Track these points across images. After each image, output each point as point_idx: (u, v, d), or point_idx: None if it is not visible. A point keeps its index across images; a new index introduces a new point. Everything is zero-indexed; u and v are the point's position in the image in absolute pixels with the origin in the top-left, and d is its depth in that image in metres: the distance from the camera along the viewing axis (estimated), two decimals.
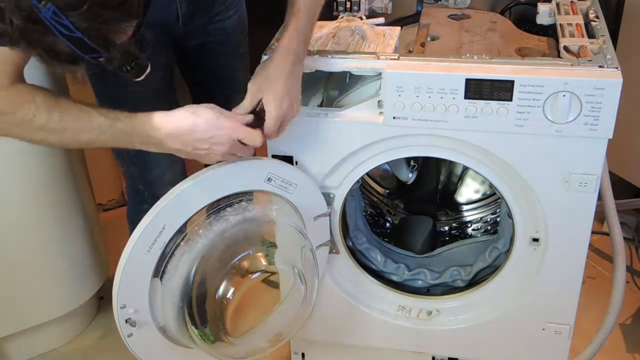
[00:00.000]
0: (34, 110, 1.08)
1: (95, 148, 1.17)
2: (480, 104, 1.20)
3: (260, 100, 1.17)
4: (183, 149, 1.14)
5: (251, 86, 1.18)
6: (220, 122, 1.13)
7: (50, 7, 0.84)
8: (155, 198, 1.19)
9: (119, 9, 0.89)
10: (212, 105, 1.15)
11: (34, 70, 1.14)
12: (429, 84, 1.20)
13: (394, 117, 1.24)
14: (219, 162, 1.20)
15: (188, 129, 1.12)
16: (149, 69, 1.05)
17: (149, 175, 1.53)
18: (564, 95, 1.15)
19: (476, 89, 1.19)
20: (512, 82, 1.17)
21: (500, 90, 1.18)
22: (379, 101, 1.25)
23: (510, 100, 1.18)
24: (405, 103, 1.23)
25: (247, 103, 1.18)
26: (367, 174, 1.49)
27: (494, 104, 1.19)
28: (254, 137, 1.16)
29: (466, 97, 1.20)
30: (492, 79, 1.18)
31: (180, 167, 1.55)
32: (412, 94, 1.22)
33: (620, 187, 2.02)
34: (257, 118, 1.18)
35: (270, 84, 1.17)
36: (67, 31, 0.86)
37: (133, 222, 1.60)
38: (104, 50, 0.91)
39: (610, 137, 1.18)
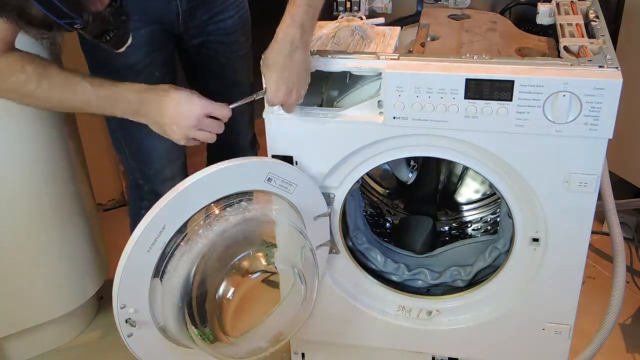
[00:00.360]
0: (24, 79, 1.15)
1: (83, 113, 1.24)
2: (480, 104, 1.20)
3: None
4: (156, 119, 1.20)
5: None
6: (193, 98, 1.20)
7: None
8: (154, 194, 1.21)
9: None
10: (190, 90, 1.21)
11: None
12: (429, 84, 1.20)
13: (394, 117, 1.24)
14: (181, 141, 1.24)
15: (165, 98, 1.18)
16: (129, 41, 1.10)
17: (148, 170, 1.54)
18: (564, 95, 1.15)
19: (476, 89, 1.19)
20: (512, 82, 1.17)
21: (500, 90, 1.18)
22: (379, 101, 1.25)
23: (510, 100, 1.18)
24: (405, 103, 1.23)
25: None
26: (367, 174, 1.49)
27: (494, 104, 1.19)
28: (223, 110, 1.22)
29: (466, 97, 1.20)
30: (492, 79, 1.18)
31: (180, 164, 1.55)
32: (412, 94, 1.22)
33: (620, 187, 2.02)
34: None
35: (269, 72, 1.20)
36: None
37: (134, 218, 1.61)
38: (77, 16, 0.94)
39: (610, 137, 1.18)
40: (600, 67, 1.16)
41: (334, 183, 1.37)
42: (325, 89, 1.36)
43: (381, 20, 1.44)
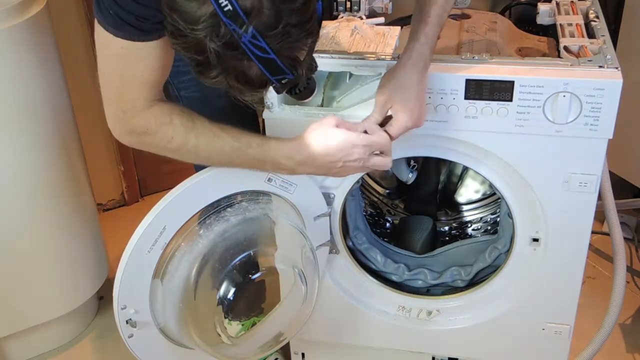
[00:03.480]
0: (172, 133, 1.09)
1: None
2: (480, 104, 1.20)
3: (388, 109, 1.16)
4: (316, 172, 1.17)
5: (380, 97, 1.16)
6: (351, 141, 1.11)
7: (250, 30, 0.85)
8: None
9: (305, 26, 0.89)
10: (336, 120, 1.12)
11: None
12: (429, 85, 1.20)
13: None
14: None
15: (321, 155, 1.11)
16: (316, 91, 1.09)
17: None
18: (564, 96, 1.15)
19: (476, 90, 1.19)
20: (512, 83, 1.17)
21: (500, 90, 1.18)
22: None
23: (511, 100, 1.18)
24: None
25: (377, 114, 1.16)
26: (367, 174, 1.49)
27: (494, 104, 1.19)
28: (387, 146, 1.15)
29: (466, 97, 1.20)
30: (492, 80, 1.18)
31: None
32: None
33: (620, 187, 2.02)
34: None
35: (403, 92, 1.14)
36: (262, 54, 0.87)
37: None
38: (290, 70, 0.92)
39: (611, 137, 1.18)
40: (600, 67, 1.16)
41: (334, 183, 1.37)
42: (325, 89, 1.36)
43: (381, 20, 1.44)
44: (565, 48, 1.26)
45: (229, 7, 0.84)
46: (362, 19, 1.43)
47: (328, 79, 1.35)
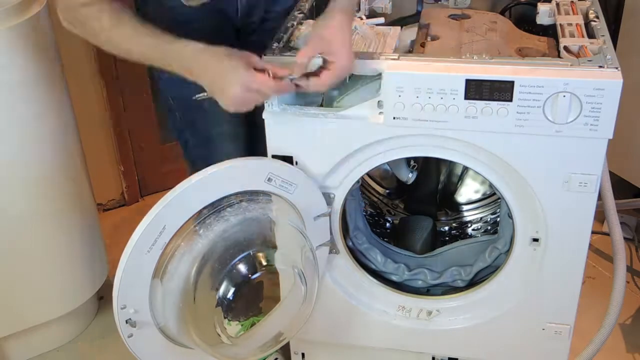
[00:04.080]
0: (98, 28, 1.22)
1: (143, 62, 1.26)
2: (480, 104, 1.20)
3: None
4: (204, 84, 1.21)
5: (313, 38, 1.21)
6: (237, 72, 1.18)
7: None
8: None
9: None
10: (246, 55, 1.19)
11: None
12: (429, 85, 1.20)
13: (394, 118, 1.24)
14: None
15: (216, 72, 1.19)
16: None
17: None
18: (564, 96, 1.15)
19: (476, 90, 1.19)
20: (512, 83, 1.17)
21: (500, 90, 1.18)
22: (379, 101, 1.25)
23: (511, 100, 1.18)
24: (405, 103, 1.22)
25: (310, 50, 1.19)
26: (367, 174, 1.49)
27: (494, 104, 1.19)
28: (267, 85, 1.20)
29: (466, 97, 1.20)
30: (492, 80, 1.18)
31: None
32: (412, 95, 1.22)
33: (620, 187, 2.02)
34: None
35: (339, 35, 1.18)
36: None
37: None
38: None
39: (611, 137, 1.18)
40: (600, 67, 1.16)
41: (334, 183, 1.37)
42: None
43: (381, 20, 1.44)
44: (565, 48, 1.26)
45: None
46: (362, 19, 1.43)
47: None
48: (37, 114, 1.61)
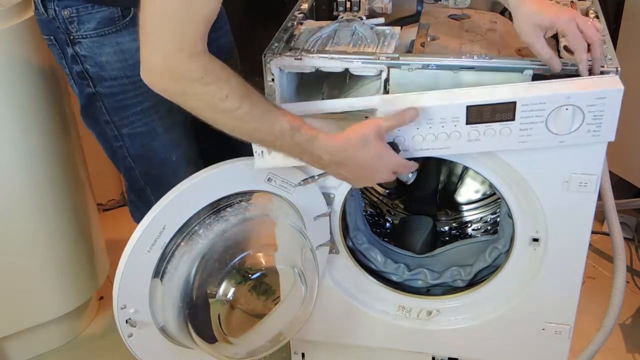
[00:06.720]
0: (227, 92, 1.00)
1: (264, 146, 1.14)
2: (482, 127, 1.18)
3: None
4: (347, 175, 1.18)
5: (532, 32, 1.15)
6: (384, 156, 1.15)
7: None
8: None
9: None
10: (377, 125, 1.12)
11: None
12: (429, 116, 1.18)
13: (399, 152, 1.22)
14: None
15: (355, 162, 1.13)
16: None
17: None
18: (567, 109, 1.14)
19: (477, 114, 1.17)
20: (513, 104, 1.15)
21: (502, 112, 1.16)
22: None
23: (513, 120, 1.17)
24: (406, 137, 1.20)
25: (547, 51, 1.15)
26: None
27: (496, 125, 1.17)
28: (408, 168, 1.21)
29: (468, 122, 1.18)
30: (493, 103, 1.16)
31: None
32: (411, 127, 1.19)
33: (620, 187, 2.02)
34: None
35: (557, 12, 1.14)
36: None
37: None
38: None
39: (612, 140, 1.18)
40: (601, 67, 1.16)
41: (334, 183, 1.37)
42: (325, 89, 1.36)
43: (381, 20, 1.44)
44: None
45: None
46: (362, 19, 1.43)
47: (328, 79, 1.35)
48: (37, 114, 1.61)
